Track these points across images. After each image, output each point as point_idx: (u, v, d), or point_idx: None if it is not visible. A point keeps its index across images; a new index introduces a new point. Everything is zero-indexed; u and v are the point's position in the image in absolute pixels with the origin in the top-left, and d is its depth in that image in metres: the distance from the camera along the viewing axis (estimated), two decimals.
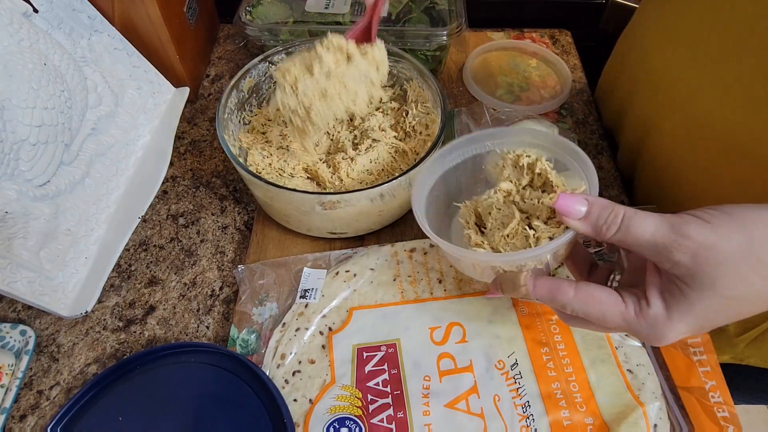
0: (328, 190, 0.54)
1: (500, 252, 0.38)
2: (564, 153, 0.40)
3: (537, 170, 0.40)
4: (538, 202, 0.38)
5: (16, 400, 0.47)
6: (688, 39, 0.49)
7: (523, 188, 0.40)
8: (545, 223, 0.37)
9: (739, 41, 0.43)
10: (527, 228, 0.37)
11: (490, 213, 0.40)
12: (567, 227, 0.35)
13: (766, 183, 0.44)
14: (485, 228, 0.41)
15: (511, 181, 0.40)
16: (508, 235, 0.38)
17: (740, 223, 0.29)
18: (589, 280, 0.39)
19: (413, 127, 0.56)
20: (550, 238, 0.36)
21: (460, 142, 0.44)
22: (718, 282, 0.29)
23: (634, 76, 0.59)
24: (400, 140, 0.57)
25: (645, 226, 0.30)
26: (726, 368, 0.44)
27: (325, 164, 0.56)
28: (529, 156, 0.40)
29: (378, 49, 0.48)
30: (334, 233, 0.53)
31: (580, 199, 0.33)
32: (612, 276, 0.39)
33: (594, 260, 0.41)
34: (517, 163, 0.40)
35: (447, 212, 0.48)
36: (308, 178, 0.56)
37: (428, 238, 0.52)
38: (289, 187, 0.48)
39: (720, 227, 0.29)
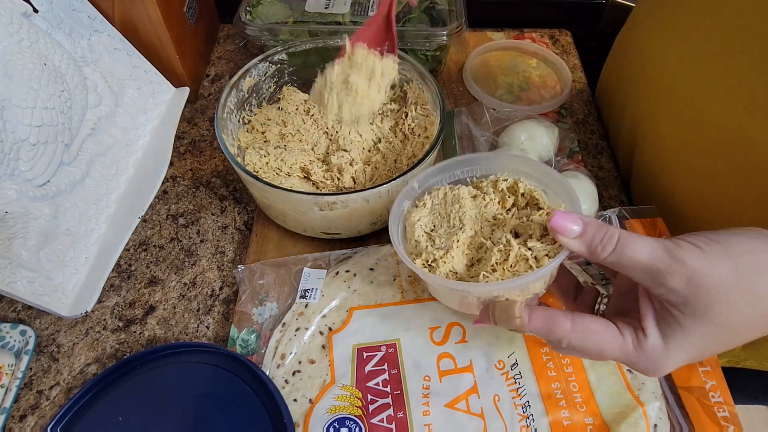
0: (324, 191, 0.54)
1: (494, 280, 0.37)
2: (538, 174, 0.41)
3: (521, 191, 0.40)
4: (528, 220, 0.38)
5: (16, 400, 0.47)
6: (685, 39, 0.48)
7: (508, 210, 0.40)
8: (539, 241, 0.36)
9: (738, 40, 0.42)
10: (527, 249, 0.36)
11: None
12: (560, 246, 0.34)
13: (763, 185, 0.44)
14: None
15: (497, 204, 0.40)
16: (509, 264, 0.36)
17: (731, 252, 0.29)
18: (576, 303, 0.39)
19: (412, 129, 0.56)
20: (548, 257, 0.35)
21: (433, 170, 0.44)
22: (710, 309, 0.29)
23: (630, 76, 0.59)
24: (400, 142, 0.57)
25: (640, 249, 0.30)
26: (724, 372, 0.44)
27: (323, 164, 0.56)
28: (506, 180, 0.41)
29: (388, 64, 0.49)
30: (328, 233, 0.53)
31: (574, 217, 0.33)
32: (599, 299, 0.38)
33: (578, 283, 0.40)
34: (495, 188, 0.41)
35: None
36: (305, 177, 0.56)
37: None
38: (285, 187, 0.48)
39: (711, 254, 0.29)
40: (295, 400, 0.43)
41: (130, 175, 0.59)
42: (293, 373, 0.45)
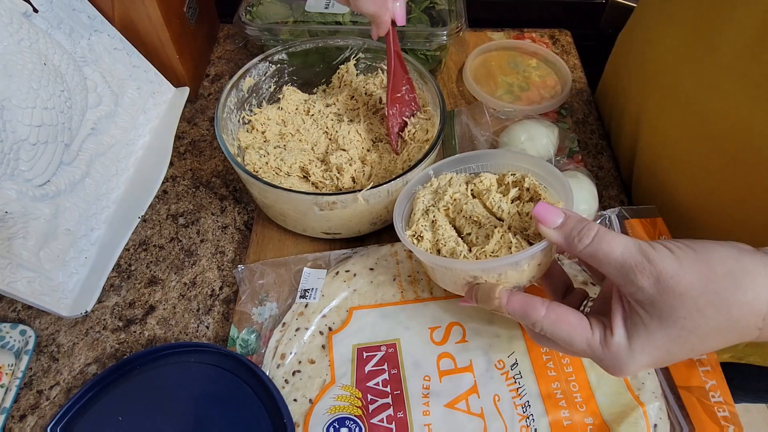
0: (324, 191, 0.54)
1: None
2: (543, 173, 0.42)
3: (526, 185, 0.42)
4: (519, 213, 0.40)
5: (16, 400, 0.47)
6: (688, 36, 0.48)
7: (511, 202, 0.42)
8: (530, 236, 0.38)
9: (743, 36, 0.42)
10: (510, 237, 0.38)
11: (471, 223, 0.42)
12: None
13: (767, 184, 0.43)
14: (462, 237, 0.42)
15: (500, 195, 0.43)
16: (489, 248, 0.39)
17: (703, 258, 0.30)
18: (563, 302, 0.40)
19: (413, 134, 0.56)
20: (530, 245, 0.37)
21: (449, 161, 0.47)
22: (676, 312, 0.30)
23: (632, 76, 0.59)
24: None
25: (615, 245, 0.31)
26: (727, 368, 0.44)
27: (323, 163, 0.55)
28: (514, 174, 0.43)
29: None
30: (328, 233, 0.53)
31: (557, 210, 0.35)
32: (585, 302, 0.40)
33: (570, 284, 0.41)
34: (502, 182, 0.43)
35: None
36: (304, 177, 0.55)
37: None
38: (285, 186, 0.48)
39: (683, 259, 0.30)
40: (295, 400, 0.43)
41: (130, 175, 0.59)
42: (293, 373, 0.45)
